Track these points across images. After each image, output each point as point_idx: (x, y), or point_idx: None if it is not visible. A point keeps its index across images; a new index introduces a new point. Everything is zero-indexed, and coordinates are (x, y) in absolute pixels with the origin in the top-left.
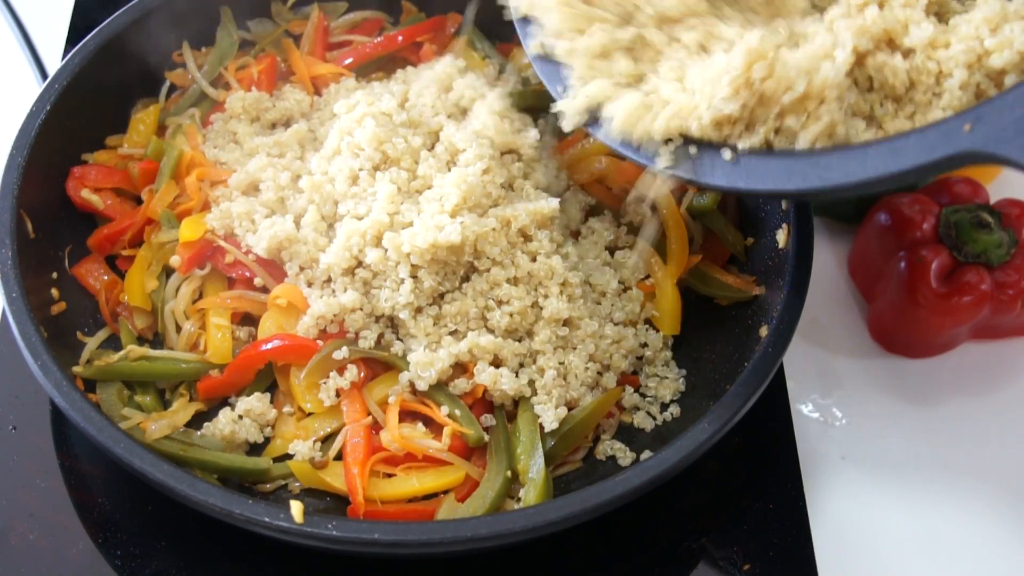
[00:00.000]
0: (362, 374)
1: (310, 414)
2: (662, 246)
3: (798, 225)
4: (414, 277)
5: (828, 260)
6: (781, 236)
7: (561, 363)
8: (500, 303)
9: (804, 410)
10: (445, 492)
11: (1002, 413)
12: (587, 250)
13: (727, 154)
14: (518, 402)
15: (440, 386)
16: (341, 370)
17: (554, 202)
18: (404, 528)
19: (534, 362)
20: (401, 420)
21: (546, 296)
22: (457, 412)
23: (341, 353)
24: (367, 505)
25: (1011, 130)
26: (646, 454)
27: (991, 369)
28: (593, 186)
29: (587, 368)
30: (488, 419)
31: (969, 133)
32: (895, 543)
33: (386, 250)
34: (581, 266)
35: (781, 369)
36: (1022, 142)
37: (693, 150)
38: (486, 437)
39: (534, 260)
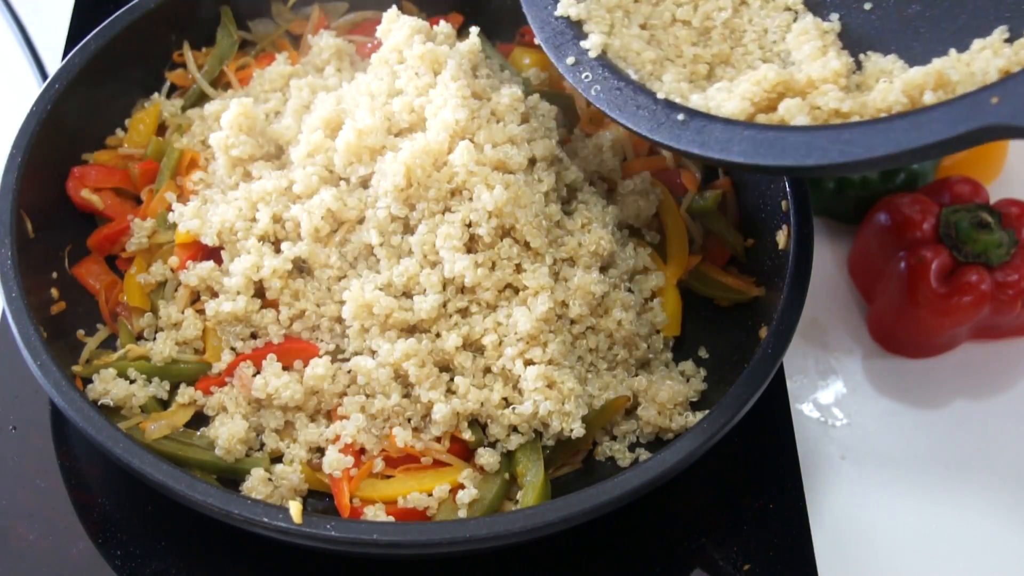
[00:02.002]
0: None
1: None
2: (662, 247)
3: (798, 226)
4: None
5: (828, 260)
6: (781, 237)
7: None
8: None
9: (804, 410)
10: None
11: (1002, 413)
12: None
13: (743, 129)
14: None
15: None
16: None
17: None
18: (402, 529)
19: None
20: None
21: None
22: None
23: None
24: (364, 505)
25: None
26: (645, 455)
27: (991, 369)
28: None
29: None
30: None
31: (996, 106)
32: (895, 543)
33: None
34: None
35: (781, 369)
36: None
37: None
38: (485, 439)
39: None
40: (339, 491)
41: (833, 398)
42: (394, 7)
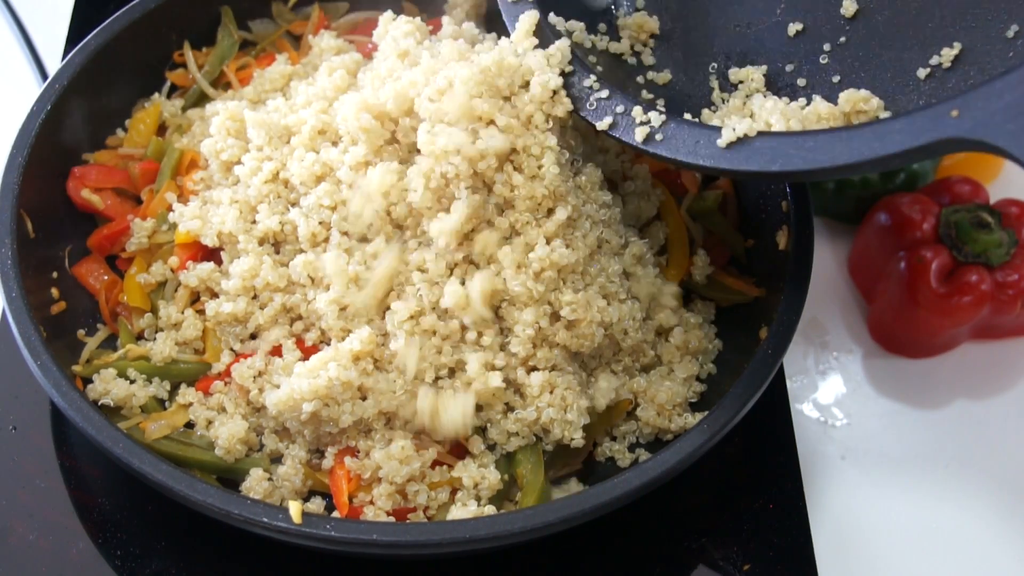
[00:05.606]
0: None
1: None
2: (663, 249)
3: (798, 227)
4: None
5: (828, 260)
6: (781, 238)
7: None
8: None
9: (804, 410)
10: None
11: (1002, 413)
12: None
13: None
14: None
15: None
16: None
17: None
18: (402, 529)
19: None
20: None
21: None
22: None
23: None
24: (364, 505)
25: (998, 117)
26: (645, 456)
27: (991, 369)
28: None
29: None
30: None
31: (956, 119)
32: (895, 543)
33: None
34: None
35: (781, 369)
36: (1009, 129)
37: (674, 128)
38: (485, 441)
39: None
40: (338, 491)
41: (833, 398)
42: (390, 11)
